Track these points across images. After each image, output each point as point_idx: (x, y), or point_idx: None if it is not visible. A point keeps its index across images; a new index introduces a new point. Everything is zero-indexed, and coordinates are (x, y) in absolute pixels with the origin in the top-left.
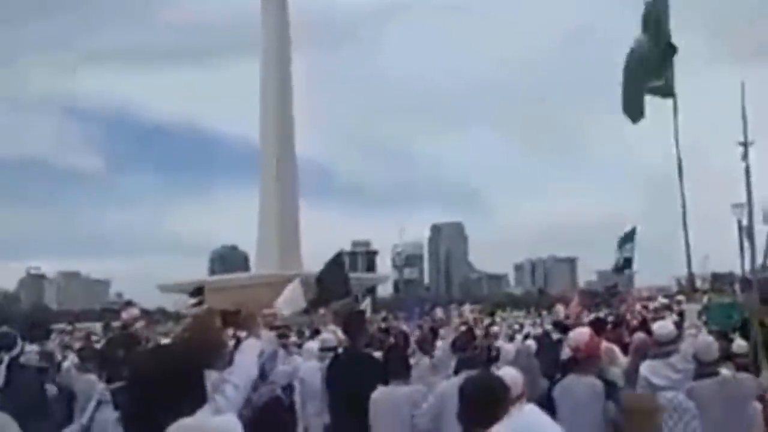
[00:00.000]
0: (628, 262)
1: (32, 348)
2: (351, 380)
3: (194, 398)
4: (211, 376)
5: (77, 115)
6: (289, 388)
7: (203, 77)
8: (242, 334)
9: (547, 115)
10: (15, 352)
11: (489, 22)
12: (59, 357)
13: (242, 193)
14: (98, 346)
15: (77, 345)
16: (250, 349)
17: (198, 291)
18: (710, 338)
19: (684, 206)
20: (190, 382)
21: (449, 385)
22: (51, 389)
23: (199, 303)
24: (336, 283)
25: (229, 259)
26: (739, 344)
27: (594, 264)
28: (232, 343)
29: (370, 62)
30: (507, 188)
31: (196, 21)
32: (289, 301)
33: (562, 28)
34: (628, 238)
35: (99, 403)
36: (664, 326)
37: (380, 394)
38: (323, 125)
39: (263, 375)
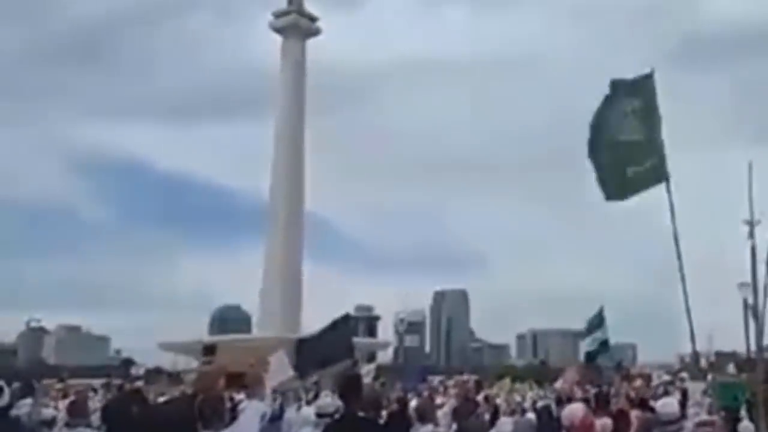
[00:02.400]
0: (604, 346)
1: (25, 402)
2: None
3: None
4: None
5: (84, 167)
6: None
7: (211, 133)
8: (239, 396)
9: (557, 184)
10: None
11: (496, 87)
12: (52, 412)
13: (247, 253)
14: (92, 402)
15: (71, 398)
16: (253, 410)
17: (210, 350)
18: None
19: (684, 285)
20: None
21: None
22: None
23: (209, 363)
24: (339, 345)
25: (230, 319)
26: (746, 425)
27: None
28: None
29: (377, 123)
30: (513, 256)
31: (206, 77)
32: (277, 372)
33: (576, 93)
34: (597, 322)
35: None
36: (668, 404)
37: None
38: (330, 186)
39: None
